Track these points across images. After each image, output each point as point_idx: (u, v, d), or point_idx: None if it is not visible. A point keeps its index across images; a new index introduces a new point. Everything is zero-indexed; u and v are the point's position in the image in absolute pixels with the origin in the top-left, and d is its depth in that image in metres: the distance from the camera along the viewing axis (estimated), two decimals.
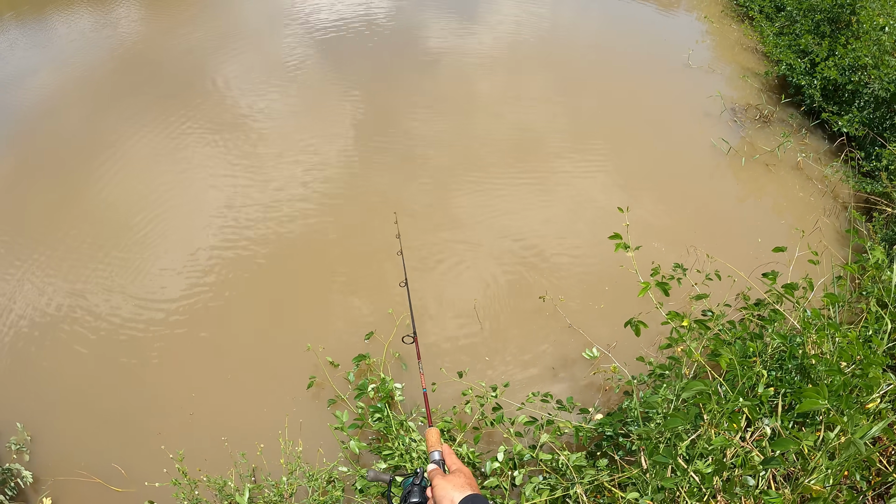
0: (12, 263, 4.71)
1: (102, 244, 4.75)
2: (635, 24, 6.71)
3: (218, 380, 3.82)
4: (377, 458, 3.18)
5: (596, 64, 6.12)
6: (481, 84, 6.09)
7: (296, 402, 3.53)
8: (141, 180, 5.26)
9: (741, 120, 5.13)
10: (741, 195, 4.75)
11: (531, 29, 6.81)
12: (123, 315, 4.29)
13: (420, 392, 3.49)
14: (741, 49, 6.00)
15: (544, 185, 4.77)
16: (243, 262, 4.44)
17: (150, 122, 5.81)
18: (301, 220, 4.68)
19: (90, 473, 3.62)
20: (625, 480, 2.53)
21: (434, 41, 6.68)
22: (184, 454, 3.07)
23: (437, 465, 1.63)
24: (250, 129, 5.64)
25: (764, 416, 2.71)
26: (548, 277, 4.04)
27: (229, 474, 3.06)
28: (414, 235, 4.43)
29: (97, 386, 3.97)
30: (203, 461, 3.23)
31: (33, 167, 5.54)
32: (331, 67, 6.36)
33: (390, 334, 3.77)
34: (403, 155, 5.17)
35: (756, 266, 3.83)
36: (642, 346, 3.64)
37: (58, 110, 6.15)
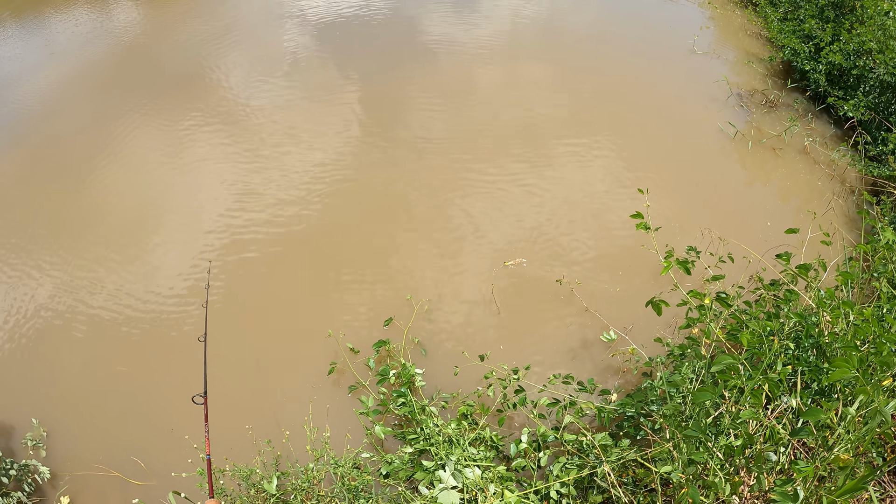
0: (25, 261, 4.78)
1: (113, 239, 4.82)
2: (638, 11, 6.84)
3: (236, 370, 3.89)
4: (401, 443, 3.27)
5: (599, 50, 6.25)
6: (483, 72, 6.19)
7: (316, 390, 3.61)
8: (147, 175, 5.33)
9: (747, 105, 5.27)
10: (749, 179, 4.88)
11: (532, 16, 6.92)
12: (136, 309, 4.35)
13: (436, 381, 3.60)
14: (745, 34, 6.14)
15: (553, 172, 4.87)
16: (254, 253, 4.52)
17: (152, 118, 5.89)
18: (315, 208, 4.77)
19: (109, 468, 3.68)
20: (657, 455, 2.63)
21: (435, 29, 6.77)
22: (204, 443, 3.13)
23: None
24: (253, 121, 5.72)
25: (783, 394, 2.82)
26: (562, 262, 4.14)
27: (255, 462, 3.13)
28: (424, 221, 4.54)
29: (112, 380, 4.03)
30: (229, 450, 3.30)
31: (40, 162, 5.62)
32: (331, 58, 6.44)
33: (409, 320, 3.86)
34: (408, 143, 5.27)
35: (767, 249, 3.95)
36: (658, 329, 3.75)
37: (60, 107, 6.24)
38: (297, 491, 2.93)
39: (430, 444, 3.10)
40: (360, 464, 3.09)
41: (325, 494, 2.86)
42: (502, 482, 2.92)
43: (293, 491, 2.94)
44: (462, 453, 2.91)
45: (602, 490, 2.95)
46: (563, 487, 2.91)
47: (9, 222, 5.13)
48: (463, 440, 3.06)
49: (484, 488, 2.78)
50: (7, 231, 5.03)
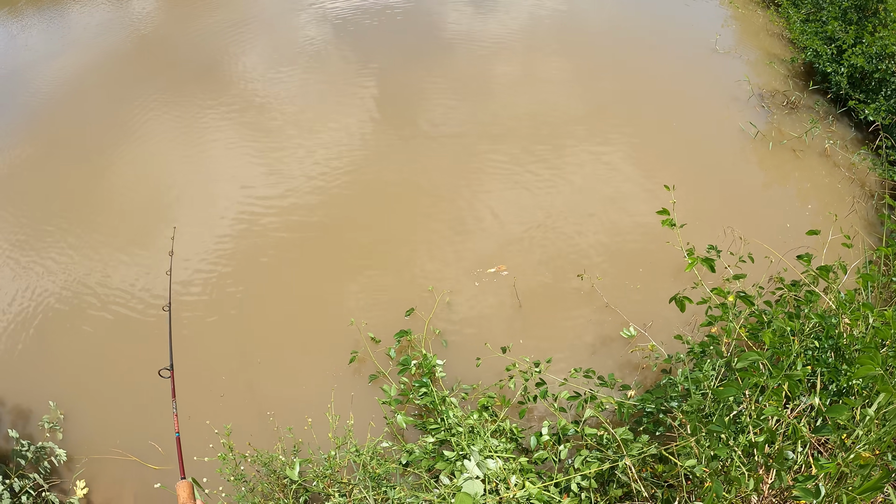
0: (44, 246, 4.87)
1: (128, 226, 4.91)
2: (658, 8, 6.90)
3: (254, 357, 3.96)
4: (420, 434, 3.33)
5: (619, 46, 6.31)
6: (500, 66, 6.25)
7: (336, 378, 3.68)
8: (164, 162, 5.44)
9: (768, 105, 5.32)
10: (768, 180, 4.93)
11: (551, 11, 6.98)
12: (152, 294, 4.42)
13: (456, 372, 3.66)
14: (767, 35, 6.19)
15: (571, 167, 4.94)
16: (271, 241, 4.60)
17: (170, 107, 6.01)
18: (333, 197, 4.87)
19: (125, 451, 3.75)
20: (680, 450, 2.69)
21: (453, 23, 6.84)
22: (231, 429, 3.20)
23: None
24: (270, 110, 5.81)
25: (802, 394, 2.88)
26: (583, 257, 4.21)
27: (276, 449, 3.19)
28: (443, 213, 4.61)
29: (130, 365, 4.10)
30: (249, 436, 3.36)
31: (58, 148, 5.74)
32: (348, 50, 6.51)
33: (430, 311, 3.93)
34: (426, 135, 5.37)
35: (786, 250, 4.00)
36: (678, 326, 3.81)
37: (79, 95, 6.39)
38: (319, 478, 2.98)
39: (451, 435, 3.16)
40: (380, 452, 3.15)
41: (348, 482, 2.92)
42: (523, 474, 2.98)
43: (314, 478, 3.00)
44: (484, 444, 2.97)
45: (621, 484, 3.00)
46: (584, 480, 2.97)
47: (27, 207, 5.22)
48: (484, 431, 3.12)
49: (507, 479, 2.84)
50: (25, 216, 5.13)
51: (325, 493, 2.98)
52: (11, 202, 5.38)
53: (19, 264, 4.83)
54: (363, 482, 2.88)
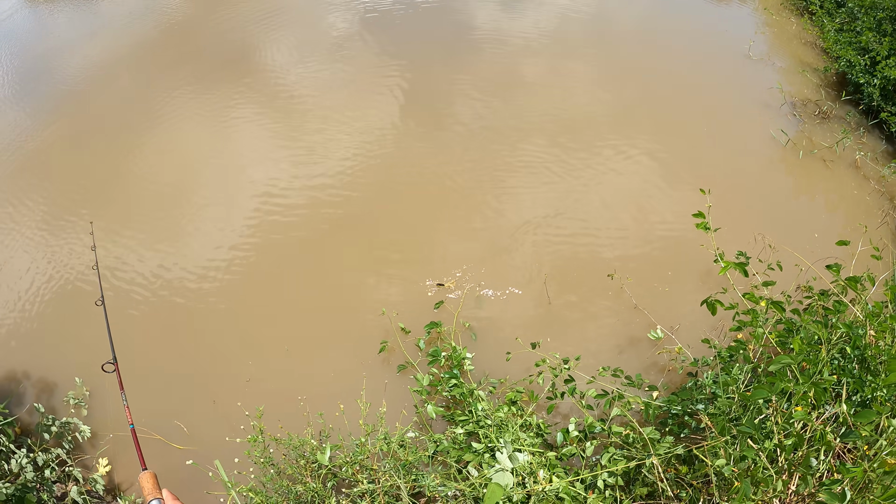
0: (73, 225, 5.01)
1: (155, 209, 5.05)
2: (690, 11, 7.00)
3: (283, 344, 4.08)
4: (447, 425, 3.44)
5: (650, 48, 6.41)
6: (527, 64, 6.35)
7: (365, 367, 3.79)
8: (191, 149, 5.60)
9: (800, 114, 5.41)
10: (797, 188, 5.02)
11: (581, 10, 7.07)
12: (179, 278, 4.54)
13: (483, 366, 3.77)
14: (800, 43, 6.28)
15: (600, 167, 5.04)
16: (298, 230, 4.71)
17: (198, 94, 6.19)
18: (360, 187, 5.01)
19: (150, 430, 3.86)
20: (710, 449, 2.78)
21: (481, 19, 6.95)
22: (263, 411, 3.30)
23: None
24: (297, 100, 5.95)
25: (827, 403, 2.97)
26: (613, 258, 4.31)
27: (305, 433, 3.29)
28: (471, 208, 4.73)
29: (158, 345, 4.23)
30: (276, 421, 3.46)
31: (91, 129, 6.00)
32: (377, 43, 6.64)
33: (459, 304, 4.05)
34: (451, 129, 5.50)
35: (814, 260, 4.09)
36: (705, 331, 3.91)
37: (109, 78, 6.59)
38: (349, 464, 3.09)
39: (479, 427, 3.26)
40: (407, 443, 3.25)
41: (377, 469, 3.02)
42: (551, 468, 3.08)
43: (344, 464, 3.10)
44: (515, 437, 3.07)
45: (646, 484, 3.10)
46: (611, 478, 3.06)
47: (60, 185, 5.39)
48: (513, 425, 3.22)
49: (535, 472, 2.94)
50: (57, 194, 5.28)
51: (353, 479, 3.09)
52: (47, 179, 5.59)
53: (49, 241, 5.01)
54: (394, 469, 2.98)
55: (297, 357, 4.00)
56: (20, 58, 7.46)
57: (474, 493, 2.91)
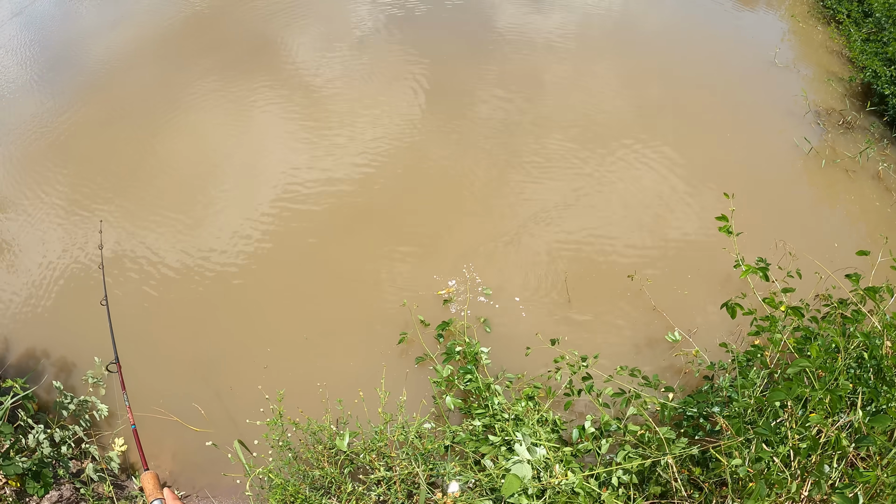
0: (97, 204, 5.21)
1: (177, 192, 5.19)
2: (716, 16, 7.07)
3: (299, 335, 4.19)
4: (462, 418, 3.54)
5: (674, 51, 6.50)
6: (550, 64, 6.44)
7: (384, 357, 3.90)
8: (214, 136, 5.75)
9: (824, 123, 5.48)
10: (818, 197, 5.09)
11: (605, 12, 7.17)
12: (203, 262, 4.68)
13: (501, 362, 3.86)
14: (826, 52, 6.35)
15: (621, 171, 5.12)
16: (318, 219, 4.85)
17: (222, 83, 6.38)
18: (378, 180, 5.14)
19: (168, 412, 3.97)
20: (727, 448, 2.87)
21: (505, 18, 7.06)
22: (283, 394, 3.40)
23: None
24: (320, 91, 6.10)
25: (842, 411, 3.05)
26: (633, 260, 4.41)
27: (324, 419, 3.39)
28: (490, 203, 4.84)
29: (177, 329, 4.35)
30: (294, 407, 3.57)
31: (116, 112, 6.21)
32: (401, 38, 6.78)
33: (471, 300, 4.15)
34: (472, 126, 5.62)
35: (833, 270, 4.16)
36: (722, 335, 3.99)
37: (134, 64, 6.85)
38: (367, 451, 3.19)
39: (496, 421, 3.35)
40: (424, 433, 3.35)
41: (396, 456, 3.12)
42: (566, 463, 3.17)
43: (362, 451, 3.20)
44: (532, 431, 3.16)
45: (659, 483, 3.18)
46: (626, 475, 3.15)
47: (86, 165, 5.65)
48: (530, 419, 3.32)
49: (553, 466, 3.04)
50: (84, 174, 5.51)
51: (370, 466, 3.19)
52: (71, 162, 5.78)
53: (74, 222, 5.18)
54: (413, 457, 3.08)
55: (315, 345, 4.11)
56: (45, 44, 7.63)
57: (491, 483, 3.01)
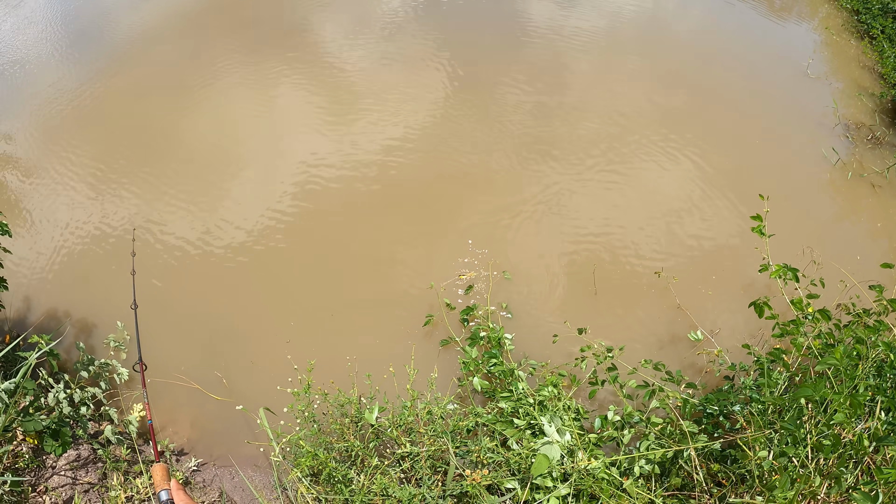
0: (126, 176, 5.39)
1: (199, 169, 5.36)
2: (750, 24, 7.26)
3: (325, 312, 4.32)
4: (487, 400, 3.68)
5: (704, 55, 6.68)
6: (578, 62, 6.61)
7: (410, 337, 4.04)
8: (238, 115, 5.93)
9: (852, 137, 5.65)
10: (843, 208, 5.25)
11: (636, 12, 7.35)
12: (229, 236, 4.83)
13: (524, 349, 4.01)
14: (858, 66, 6.52)
15: (645, 171, 5.28)
16: (340, 199, 5.04)
17: (251, 62, 6.61)
18: (398, 167, 5.33)
19: (189, 379, 4.09)
20: (752, 441, 3.01)
21: (536, 12, 7.23)
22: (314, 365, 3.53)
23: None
24: (344, 77, 6.37)
25: (860, 418, 3.20)
26: (658, 257, 4.56)
27: (351, 393, 3.53)
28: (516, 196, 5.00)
29: (202, 299, 4.48)
30: (320, 380, 3.70)
31: (144, 86, 6.45)
32: (430, 29, 6.97)
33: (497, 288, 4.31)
34: (495, 119, 5.79)
35: (855, 281, 4.31)
36: (744, 337, 4.14)
37: (161, 40, 7.10)
38: (395, 426, 3.32)
39: (521, 405, 3.49)
40: (448, 413, 3.48)
41: (424, 432, 3.25)
42: (590, 450, 3.31)
43: (390, 426, 3.33)
44: (561, 414, 3.30)
45: (679, 475, 3.32)
46: (647, 465, 3.29)
47: (115, 134, 5.84)
48: (554, 405, 3.46)
49: (578, 451, 3.18)
50: (112, 143, 5.71)
51: (396, 441, 3.32)
52: (100, 130, 6.01)
53: (102, 189, 5.35)
54: (441, 434, 3.22)
55: (340, 322, 4.24)
56: (73, 15, 7.82)
57: (518, 464, 3.14)
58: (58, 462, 3.90)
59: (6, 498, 3.47)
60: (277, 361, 4.08)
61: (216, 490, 3.81)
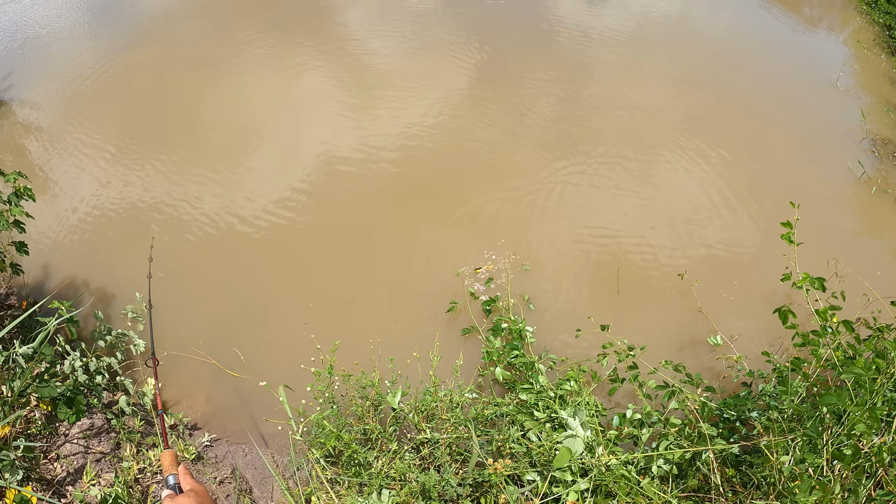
0: (150, 149, 5.52)
1: (220, 147, 5.42)
2: (780, 33, 7.34)
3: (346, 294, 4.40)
4: (506, 392, 3.76)
5: (730, 61, 6.78)
6: (603, 62, 6.70)
7: (433, 323, 4.12)
8: (260, 97, 6.03)
9: (879, 152, 5.73)
10: (863, 223, 5.34)
11: (663, 15, 7.42)
12: (250, 214, 4.90)
13: (544, 343, 4.09)
14: (888, 82, 6.60)
15: (666, 173, 5.37)
16: (358, 183, 5.14)
17: (275, 43, 6.75)
18: (417, 157, 5.43)
19: (206, 354, 4.15)
20: (774, 446, 3.09)
21: (563, 11, 7.33)
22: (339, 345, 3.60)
23: (172, 490, 1.79)
24: (367, 63, 6.52)
25: (876, 433, 3.28)
26: (680, 261, 4.64)
27: (372, 376, 3.59)
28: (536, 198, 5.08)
29: (222, 276, 4.57)
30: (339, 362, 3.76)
31: (167, 62, 6.59)
32: (455, 19, 7.04)
33: (518, 279, 4.38)
34: (519, 114, 5.90)
35: (874, 298, 4.40)
36: (762, 345, 4.23)
37: (185, 16, 7.23)
38: (416, 411, 3.39)
39: (540, 398, 3.57)
40: (467, 401, 3.55)
41: (447, 419, 3.32)
42: (609, 447, 3.39)
43: (411, 410, 3.41)
44: (583, 408, 3.38)
45: (695, 478, 3.41)
46: (666, 465, 3.37)
47: (139, 109, 5.92)
48: (574, 400, 3.54)
49: (598, 447, 3.26)
50: (131, 121, 5.81)
51: (417, 427, 3.40)
52: (126, 102, 6.15)
53: (126, 163, 5.46)
54: (463, 421, 3.29)
55: (361, 305, 4.31)
56: None
57: (540, 457, 3.22)
58: (70, 430, 3.95)
59: (17, 463, 3.52)
60: (294, 341, 4.16)
61: (228, 466, 3.88)
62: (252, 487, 3.79)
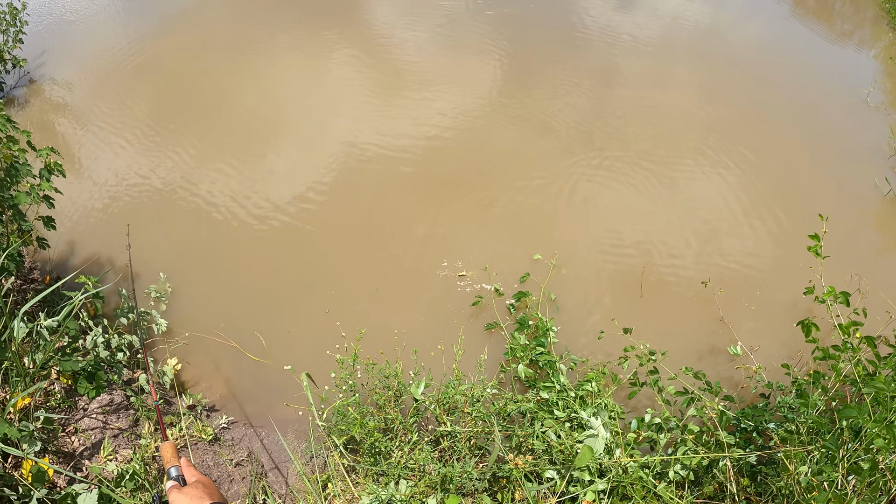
0: (182, 137, 5.59)
1: (256, 135, 5.66)
2: (808, 46, 7.41)
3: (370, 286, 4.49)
4: (527, 389, 3.84)
5: (760, 71, 6.82)
6: (630, 66, 6.78)
7: (456, 317, 4.21)
8: (287, 87, 6.18)
9: None
10: (888, 241, 5.39)
11: (694, 22, 7.49)
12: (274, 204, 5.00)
13: (568, 343, 4.17)
14: None
15: (690, 181, 5.45)
16: (377, 177, 5.25)
17: (302, 36, 6.91)
18: (440, 153, 5.53)
19: (227, 337, 4.25)
20: (794, 456, 3.17)
21: (592, 14, 7.42)
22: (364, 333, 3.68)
23: (176, 482, 1.81)
24: (395, 57, 6.65)
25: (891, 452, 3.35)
26: (704, 269, 4.72)
27: (396, 366, 3.68)
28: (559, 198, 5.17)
29: (245, 261, 4.67)
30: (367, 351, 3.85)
31: (195, 49, 6.78)
32: (484, 18, 7.14)
33: (546, 278, 4.47)
34: (543, 115, 5.99)
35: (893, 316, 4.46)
36: (782, 358, 4.30)
37: (221, 3, 7.40)
38: (438, 403, 3.48)
39: (561, 398, 3.65)
40: (487, 397, 3.63)
41: (469, 412, 3.41)
42: (627, 450, 3.47)
43: (432, 402, 3.49)
44: (605, 409, 3.46)
45: (711, 485, 3.48)
46: (683, 470, 3.45)
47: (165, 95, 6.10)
48: (595, 401, 3.62)
49: (619, 447, 3.34)
50: (161, 103, 5.96)
51: (438, 419, 3.48)
52: (155, 86, 6.32)
53: (151, 146, 5.60)
54: (485, 416, 3.37)
55: (384, 296, 4.40)
56: None
57: (559, 454, 3.30)
58: (90, 405, 4.03)
59: (36, 434, 3.61)
60: (315, 329, 4.25)
61: (245, 449, 3.96)
62: (267, 472, 3.88)
